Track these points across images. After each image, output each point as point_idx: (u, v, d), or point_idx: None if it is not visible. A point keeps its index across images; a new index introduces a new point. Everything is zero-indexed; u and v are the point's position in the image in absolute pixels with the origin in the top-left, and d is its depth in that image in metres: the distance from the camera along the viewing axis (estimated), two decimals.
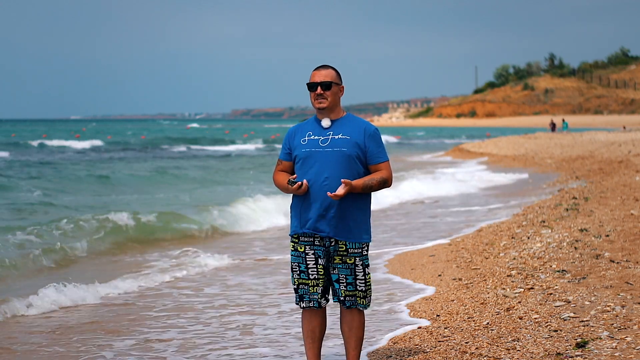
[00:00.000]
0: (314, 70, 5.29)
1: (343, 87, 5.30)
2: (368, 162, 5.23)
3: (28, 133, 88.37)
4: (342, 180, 5.04)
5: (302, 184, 5.11)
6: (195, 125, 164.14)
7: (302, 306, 5.31)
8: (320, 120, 5.27)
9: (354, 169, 5.17)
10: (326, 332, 5.61)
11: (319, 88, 5.20)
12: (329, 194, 5.04)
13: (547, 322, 6.32)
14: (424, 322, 6.96)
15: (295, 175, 5.17)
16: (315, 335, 5.34)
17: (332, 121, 5.25)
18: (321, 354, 5.43)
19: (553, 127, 62.41)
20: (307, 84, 5.25)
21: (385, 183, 5.22)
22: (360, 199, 5.21)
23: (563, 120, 62.38)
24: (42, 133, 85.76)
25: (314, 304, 5.27)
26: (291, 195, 5.30)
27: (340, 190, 5.04)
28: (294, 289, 5.32)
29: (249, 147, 59.13)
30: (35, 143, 57.10)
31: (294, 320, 7.47)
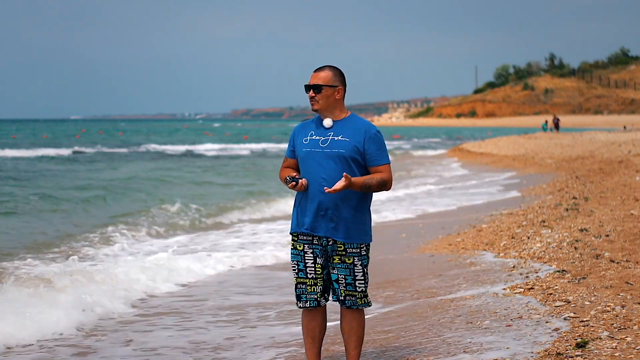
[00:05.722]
0: (314, 71, 5.27)
1: (341, 88, 5.21)
2: (367, 164, 5.18)
3: None
4: (344, 174, 4.99)
5: (296, 182, 5.09)
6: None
7: (299, 305, 5.29)
8: (323, 120, 5.25)
9: (351, 171, 5.13)
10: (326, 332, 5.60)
11: (311, 91, 5.20)
12: (326, 189, 5.00)
13: (547, 322, 6.31)
14: None
15: (296, 174, 5.15)
16: (315, 335, 5.33)
17: (334, 122, 5.22)
18: (321, 353, 5.42)
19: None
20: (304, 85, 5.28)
21: (385, 185, 5.17)
22: (358, 199, 5.18)
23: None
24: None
25: (311, 303, 5.24)
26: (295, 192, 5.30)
27: (338, 185, 4.98)
28: (295, 288, 5.31)
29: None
30: None
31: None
